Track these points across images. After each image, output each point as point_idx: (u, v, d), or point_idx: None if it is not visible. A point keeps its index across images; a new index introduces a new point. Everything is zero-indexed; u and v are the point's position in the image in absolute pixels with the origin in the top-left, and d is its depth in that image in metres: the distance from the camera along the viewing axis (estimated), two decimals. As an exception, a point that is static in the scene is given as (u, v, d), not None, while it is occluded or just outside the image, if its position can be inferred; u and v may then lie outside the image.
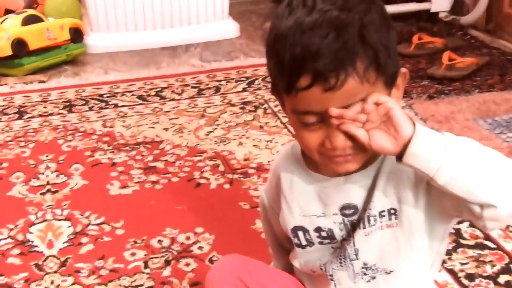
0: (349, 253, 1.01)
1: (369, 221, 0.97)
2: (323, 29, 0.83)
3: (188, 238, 1.58)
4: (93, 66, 2.76)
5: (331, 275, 1.04)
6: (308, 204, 1.02)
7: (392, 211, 0.96)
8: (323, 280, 1.05)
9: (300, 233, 1.04)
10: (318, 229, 1.02)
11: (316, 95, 0.84)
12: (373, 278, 1.02)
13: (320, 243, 1.03)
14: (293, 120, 0.91)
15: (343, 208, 0.99)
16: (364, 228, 0.98)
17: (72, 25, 2.84)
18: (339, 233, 1.01)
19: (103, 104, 2.36)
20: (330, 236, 1.02)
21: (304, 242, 1.04)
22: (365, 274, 1.02)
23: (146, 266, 1.49)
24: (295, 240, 1.04)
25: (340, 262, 1.03)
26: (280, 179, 1.04)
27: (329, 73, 0.82)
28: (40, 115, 2.28)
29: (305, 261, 1.07)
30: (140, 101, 2.38)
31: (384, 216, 0.96)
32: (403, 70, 0.92)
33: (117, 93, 2.45)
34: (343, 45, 0.83)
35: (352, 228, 1.00)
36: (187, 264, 1.49)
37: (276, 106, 2.25)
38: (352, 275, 1.02)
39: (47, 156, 1.98)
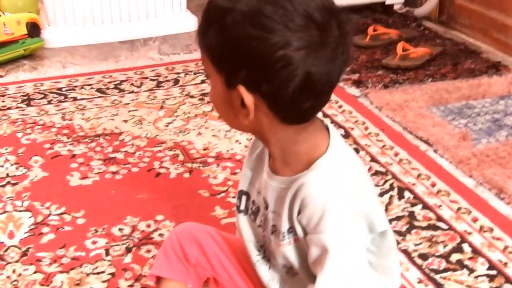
0: (272, 250, 1.07)
1: (279, 236, 1.01)
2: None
3: (148, 225, 1.61)
4: (51, 61, 2.75)
5: (271, 257, 1.10)
6: (257, 177, 1.07)
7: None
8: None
9: (244, 198, 1.09)
10: (253, 202, 1.08)
11: None
12: (297, 273, 1.06)
13: (250, 216, 1.09)
14: None
15: (265, 199, 1.04)
16: (277, 238, 1.02)
17: (29, 20, 2.82)
18: (259, 217, 1.06)
19: (62, 97, 2.35)
20: (255, 214, 1.07)
21: (242, 207, 1.10)
22: (286, 272, 1.08)
23: (107, 254, 1.51)
24: (237, 203, 1.10)
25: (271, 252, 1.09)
26: (251, 146, 1.10)
27: None
28: (-2, 109, 2.27)
29: (239, 232, 1.12)
30: (99, 94, 2.38)
31: (291, 232, 0.99)
32: (246, 98, 0.91)
33: (76, 86, 2.45)
34: (206, 15, 0.95)
35: (265, 222, 1.05)
36: (148, 251, 1.51)
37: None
38: (278, 267, 1.09)
39: (6, 149, 1.98)
